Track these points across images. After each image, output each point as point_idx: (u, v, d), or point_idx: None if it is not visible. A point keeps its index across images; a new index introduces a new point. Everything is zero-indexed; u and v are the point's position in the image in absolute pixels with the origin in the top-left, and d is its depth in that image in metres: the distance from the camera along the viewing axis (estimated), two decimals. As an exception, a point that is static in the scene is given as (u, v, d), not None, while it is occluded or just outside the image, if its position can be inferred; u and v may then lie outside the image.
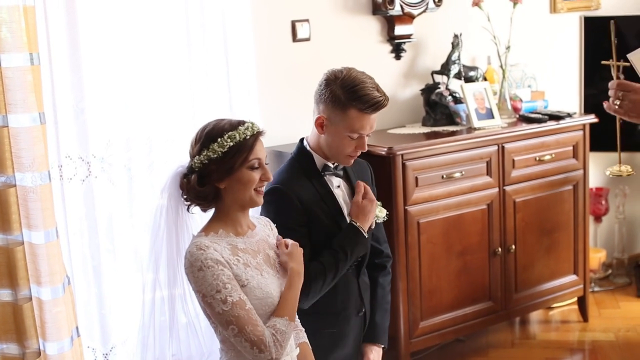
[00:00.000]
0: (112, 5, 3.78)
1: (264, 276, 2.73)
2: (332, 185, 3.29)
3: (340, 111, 3.13)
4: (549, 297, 5.13)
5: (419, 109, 5.06)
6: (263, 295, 2.69)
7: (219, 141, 2.69)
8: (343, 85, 3.12)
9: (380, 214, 3.38)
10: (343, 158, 3.23)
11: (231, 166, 2.69)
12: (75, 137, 3.69)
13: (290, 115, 4.42)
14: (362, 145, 3.19)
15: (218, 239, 2.70)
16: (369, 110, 3.13)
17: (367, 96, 3.11)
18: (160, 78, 3.97)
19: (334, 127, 3.16)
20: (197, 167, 2.71)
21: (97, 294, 3.81)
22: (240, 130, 2.71)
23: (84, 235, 3.76)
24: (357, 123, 3.13)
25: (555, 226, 5.06)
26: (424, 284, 4.51)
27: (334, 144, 3.20)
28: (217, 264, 2.61)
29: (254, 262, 2.74)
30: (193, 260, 2.61)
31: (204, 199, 2.74)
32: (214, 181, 2.71)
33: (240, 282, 2.66)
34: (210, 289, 2.59)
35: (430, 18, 5.08)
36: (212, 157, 2.69)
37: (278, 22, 4.54)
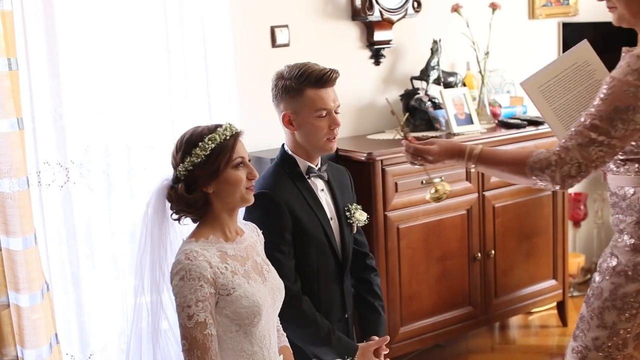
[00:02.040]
0: (90, 10, 3.77)
1: (250, 284, 2.72)
2: (317, 188, 3.31)
3: (298, 97, 3.21)
4: (528, 302, 5.14)
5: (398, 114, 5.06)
6: (249, 304, 2.69)
7: (200, 145, 2.69)
8: (290, 76, 3.23)
9: (361, 217, 3.40)
10: (324, 143, 3.26)
11: (216, 168, 2.70)
12: (53, 143, 3.68)
13: (269, 121, 4.39)
14: (334, 121, 3.25)
15: (208, 245, 2.70)
16: (322, 83, 3.21)
17: (314, 72, 3.20)
18: (139, 83, 3.96)
19: (301, 115, 3.22)
20: (182, 175, 2.71)
21: (76, 301, 3.79)
22: (219, 132, 2.72)
23: (63, 242, 3.74)
24: (318, 100, 3.21)
25: (535, 231, 5.08)
26: (403, 289, 4.51)
27: (309, 132, 3.24)
28: (199, 279, 2.60)
29: (241, 270, 2.74)
30: (179, 269, 2.62)
31: (194, 207, 2.74)
32: (201, 186, 2.71)
33: (226, 291, 2.66)
34: (183, 300, 2.60)
35: (410, 24, 5.09)
36: (195, 162, 2.69)
37: (257, 27, 4.54)
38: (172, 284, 2.65)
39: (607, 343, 2.76)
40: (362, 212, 3.42)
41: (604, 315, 2.76)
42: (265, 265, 2.90)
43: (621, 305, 2.73)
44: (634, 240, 2.71)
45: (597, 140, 2.55)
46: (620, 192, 2.75)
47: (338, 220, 3.38)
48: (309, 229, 3.23)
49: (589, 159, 2.57)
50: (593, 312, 2.80)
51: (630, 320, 2.73)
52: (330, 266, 3.34)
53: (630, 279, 2.72)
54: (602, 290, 2.78)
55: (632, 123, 2.52)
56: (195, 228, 2.80)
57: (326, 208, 3.34)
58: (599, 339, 2.77)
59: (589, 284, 5.93)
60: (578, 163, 2.57)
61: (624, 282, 2.73)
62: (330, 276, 3.35)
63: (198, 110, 4.08)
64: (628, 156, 2.69)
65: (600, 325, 2.77)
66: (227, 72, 4.17)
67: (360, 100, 4.95)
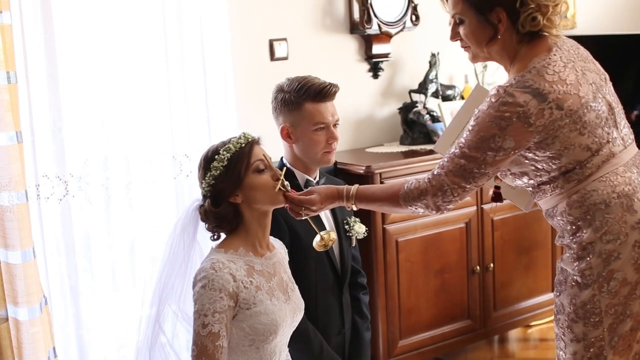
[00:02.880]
0: (89, 24, 3.79)
1: (272, 302, 2.71)
2: (315, 202, 3.30)
3: (297, 111, 3.21)
4: (527, 315, 5.14)
5: (396, 127, 5.07)
6: (268, 321, 2.68)
7: (217, 158, 2.71)
8: (289, 89, 3.22)
9: (360, 229, 3.40)
10: (321, 157, 3.26)
11: (237, 176, 2.70)
12: (52, 156, 3.68)
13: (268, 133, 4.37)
14: (331, 135, 3.24)
15: (236, 258, 2.70)
16: (321, 97, 3.20)
17: (313, 85, 3.19)
18: (138, 96, 3.97)
19: (299, 129, 3.23)
20: (207, 192, 2.72)
21: (74, 314, 3.79)
22: (233, 142, 2.74)
23: (61, 255, 3.74)
24: (317, 114, 3.20)
25: (533, 244, 5.08)
26: (402, 302, 4.51)
27: (306, 146, 3.24)
28: (220, 290, 2.60)
29: (266, 286, 2.72)
30: (202, 277, 2.62)
31: (225, 220, 2.73)
32: (227, 197, 2.71)
33: (247, 305, 2.65)
34: (201, 307, 2.60)
35: (408, 37, 5.10)
36: (216, 174, 2.70)
37: (256, 41, 4.55)
38: (194, 290, 2.65)
39: (587, 355, 2.76)
40: (360, 224, 3.42)
41: (573, 328, 2.77)
42: (291, 283, 2.88)
43: (583, 314, 2.74)
44: (573, 252, 2.75)
45: (467, 167, 2.67)
46: (549, 213, 2.84)
47: (337, 233, 3.38)
48: (307, 242, 3.22)
49: (459, 184, 2.69)
50: (563, 328, 2.81)
51: (598, 327, 2.74)
52: (329, 279, 3.34)
53: (583, 286, 2.74)
54: (562, 305, 2.81)
55: (501, 150, 2.64)
56: (226, 238, 2.79)
57: (325, 221, 3.33)
58: (577, 353, 2.78)
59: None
60: (450, 189, 2.70)
61: (578, 291, 2.75)
62: (329, 289, 3.34)
63: (197, 123, 4.09)
64: (539, 182, 2.79)
65: (573, 339, 2.78)
66: (226, 85, 4.17)
67: (359, 113, 4.96)
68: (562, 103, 2.63)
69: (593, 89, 2.72)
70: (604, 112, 2.73)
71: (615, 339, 2.74)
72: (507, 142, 2.63)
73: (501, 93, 2.64)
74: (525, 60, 2.72)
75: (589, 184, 2.70)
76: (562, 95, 2.63)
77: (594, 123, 2.69)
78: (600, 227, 2.69)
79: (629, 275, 2.70)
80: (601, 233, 2.69)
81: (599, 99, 2.73)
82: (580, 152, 2.68)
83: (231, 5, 4.26)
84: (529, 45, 2.73)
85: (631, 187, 2.71)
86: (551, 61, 2.69)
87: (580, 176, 2.70)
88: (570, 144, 2.66)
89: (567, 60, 2.72)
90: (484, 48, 2.80)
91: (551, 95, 2.62)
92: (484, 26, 2.75)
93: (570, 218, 2.74)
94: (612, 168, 2.72)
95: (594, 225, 2.70)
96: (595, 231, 2.70)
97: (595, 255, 2.70)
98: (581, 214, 2.72)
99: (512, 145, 2.64)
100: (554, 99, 2.62)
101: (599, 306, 2.72)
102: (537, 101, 2.61)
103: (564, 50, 2.75)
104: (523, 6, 2.67)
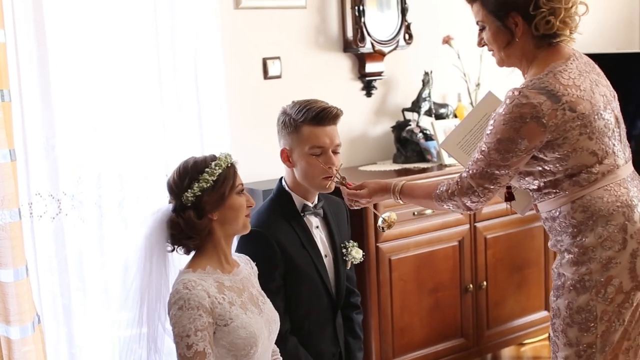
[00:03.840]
0: (83, 42, 3.79)
1: (247, 315, 2.73)
2: (312, 225, 3.29)
3: (296, 134, 3.18)
4: (520, 333, 5.13)
5: (390, 146, 5.08)
6: (246, 335, 2.68)
7: (207, 171, 2.73)
8: (291, 111, 3.20)
9: (357, 255, 3.39)
10: (319, 182, 3.22)
11: (222, 194, 2.74)
12: (45, 174, 3.67)
13: (262, 152, 4.42)
14: (329, 160, 3.18)
15: (205, 276, 2.71)
16: (318, 120, 3.16)
17: (313, 108, 3.16)
18: (131, 114, 3.97)
19: (297, 152, 3.20)
20: (189, 202, 2.72)
21: (67, 333, 3.77)
22: (222, 159, 2.78)
23: (54, 274, 3.72)
24: (314, 138, 3.16)
25: (526, 262, 5.08)
26: (395, 321, 4.50)
27: (304, 170, 3.21)
28: (198, 308, 2.61)
29: (238, 301, 2.74)
30: (177, 298, 2.62)
31: (200, 234, 2.75)
32: (208, 212, 2.73)
33: (224, 322, 2.66)
34: (182, 330, 2.60)
35: (401, 56, 5.12)
36: (204, 187, 2.72)
37: (249, 59, 4.55)
38: (170, 314, 2.65)
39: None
40: (358, 249, 3.39)
41: (567, 332, 2.84)
42: (261, 297, 2.90)
43: (579, 320, 2.81)
44: (572, 256, 2.82)
45: (489, 169, 2.81)
46: (550, 215, 2.90)
47: (333, 257, 3.36)
48: (301, 267, 3.20)
49: (483, 185, 2.83)
50: (557, 332, 2.89)
51: (592, 333, 2.80)
52: (323, 304, 3.32)
53: (580, 291, 2.81)
54: (559, 309, 2.88)
55: (518, 150, 2.76)
56: (192, 259, 2.81)
57: (320, 246, 3.31)
58: (569, 357, 2.84)
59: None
60: (476, 190, 2.85)
61: (575, 295, 2.82)
62: (323, 313, 3.32)
63: (190, 141, 4.09)
64: (544, 183, 2.87)
65: (566, 343, 2.85)
66: (219, 103, 4.17)
67: (352, 131, 4.96)
68: (575, 106, 2.74)
69: (604, 100, 2.84)
70: (611, 123, 2.84)
71: (607, 347, 2.80)
72: (523, 142, 2.74)
73: (516, 95, 2.75)
74: (542, 64, 2.83)
75: (594, 191, 2.79)
76: (575, 99, 2.75)
77: (602, 131, 2.80)
78: (601, 234, 2.78)
79: (625, 283, 2.78)
80: (602, 239, 2.78)
81: (609, 111, 2.84)
82: (587, 156, 2.78)
83: (224, 24, 4.27)
84: (548, 51, 2.85)
85: (633, 199, 2.82)
86: (567, 68, 2.80)
87: (585, 182, 2.79)
88: (579, 146, 2.76)
89: (583, 70, 2.84)
90: (503, 52, 2.94)
91: (565, 98, 2.73)
92: (502, 31, 2.88)
93: (573, 221, 2.82)
94: (616, 179, 2.82)
95: (596, 231, 2.78)
96: (597, 237, 2.78)
97: (595, 261, 2.78)
98: (584, 219, 2.80)
99: (527, 145, 2.75)
100: (567, 101, 2.73)
101: (595, 312, 2.79)
102: (551, 102, 2.72)
103: (580, 61, 2.87)
104: (537, 10, 2.78)
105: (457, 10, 5.33)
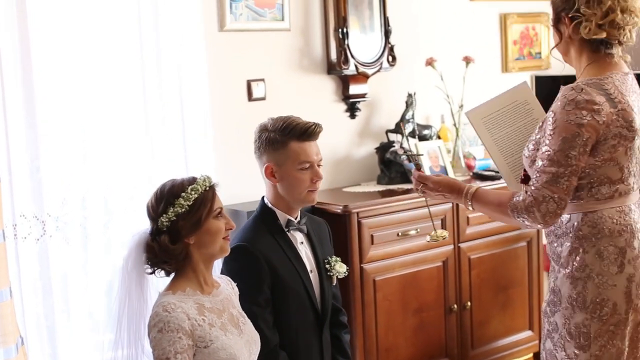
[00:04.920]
0: (69, 63, 3.80)
1: (227, 337, 2.73)
2: (296, 241, 3.32)
3: (282, 150, 3.22)
4: (505, 353, 5.14)
5: (373, 167, 5.09)
6: (227, 356, 2.69)
7: (183, 195, 2.73)
8: (274, 128, 3.24)
9: (341, 269, 3.41)
10: (305, 196, 3.28)
11: (198, 218, 2.73)
12: (30, 196, 3.67)
13: (246, 173, 4.43)
14: (316, 174, 3.27)
15: (185, 298, 2.71)
16: (306, 137, 3.24)
17: (298, 125, 3.23)
18: (116, 136, 3.97)
19: (284, 168, 3.24)
20: (165, 227, 2.73)
21: (51, 355, 3.76)
22: (199, 183, 2.78)
23: (38, 295, 3.71)
24: (302, 153, 3.23)
25: (510, 282, 5.09)
26: (380, 341, 4.50)
27: (291, 185, 3.25)
28: (178, 330, 2.61)
29: (218, 322, 2.74)
30: (157, 321, 2.62)
31: (176, 258, 2.74)
32: (184, 237, 2.73)
33: (204, 343, 2.66)
34: (162, 352, 2.60)
35: (385, 77, 5.14)
36: (180, 212, 2.72)
37: (234, 81, 4.56)
38: (150, 337, 2.64)
39: None
40: (341, 264, 3.43)
41: (566, 348, 2.89)
42: (241, 317, 2.90)
43: (576, 336, 2.86)
44: (569, 271, 2.87)
45: (559, 172, 2.77)
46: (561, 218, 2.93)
47: (318, 272, 3.38)
48: (288, 282, 3.22)
49: (559, 191, 2.77)
50: (557, 346, 2.92)
51: (586, 351, 2.84)
52: (309, 319, 3.34)
53: (577, 309, 2.85)
54: (556, 324, 2.92)
55: (583, 146, 2.77)
56: (172, 281, 2.80)
57: (306, 261, 3.34)
58: None
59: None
60: (552, 198, 2.77)
61: (572, 312, 2.87)
62: (309, 329, 3.34)
63: (175, 162, 4.09)
64: None
65: (564, 357, 2.90)
66: (204, 125, 4.19)
67: (336, 153, 4.98)
68: (627, 117, 2.81)
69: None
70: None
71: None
72: (585, 136, 2.76)
73: (577, 91, 2.80)
74: (600, 69, 2.90)
75: (607, 210, 2.85)
76: (628, 111, 2.82)
77: (635, 152, 2.87)
78: (602, 253, 2.83)
79: (619, 306, 2.82)
80: (602, 259, 2.83)
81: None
82: (616, 170, 2.85)
83: (209, 46, 4.29)
84: (605, 60, 2.92)
85: (637, 225, 2.88)
86: (625, 81, 2.88)
87: (603, 197, 2.85)
88: (614, 157, 2.83)
89: (635, 91, 2.91)
90: (560, 49, 3.03)
91: (620, 105, 2.81)
92: (556, 30, 3.00)
93: (579, 233, 2.87)
94: (628, 202, 2.89)
95: (597, 249, 2.84)
96: (597, 255, 2.83)
97: (592, 281, 2.82)
98: (590, 234, 2.85)
99: (587, 139, 2.77)
100: (621, 109, 2.81)
101: (589, 331, 2.83)
102: (609, 105, 2.79)
103: (634, 82, 2.94)
104: (577, 13, 2.86)
105: (440, 33, 5.41)
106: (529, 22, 5.89)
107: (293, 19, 4.75)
